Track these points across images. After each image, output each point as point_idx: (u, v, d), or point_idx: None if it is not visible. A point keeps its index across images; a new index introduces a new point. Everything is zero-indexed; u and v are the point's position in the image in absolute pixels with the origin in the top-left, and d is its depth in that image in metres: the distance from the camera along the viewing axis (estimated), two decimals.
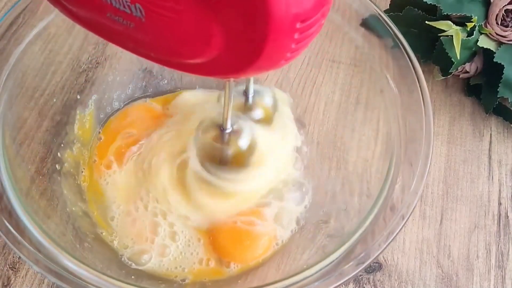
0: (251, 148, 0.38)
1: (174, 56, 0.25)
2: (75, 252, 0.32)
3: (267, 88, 0.41)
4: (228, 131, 0.36)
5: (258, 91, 0.39)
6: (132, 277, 0.37)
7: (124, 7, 0.24)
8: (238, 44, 0.23)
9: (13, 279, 0.39)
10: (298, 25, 0.22)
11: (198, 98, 0.45)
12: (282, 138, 0.41)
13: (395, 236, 0.31)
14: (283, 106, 0.42)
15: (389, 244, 0.30)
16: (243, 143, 0.37)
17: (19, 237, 0.30)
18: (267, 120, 0.40)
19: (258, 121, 0.39)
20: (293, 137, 0.43)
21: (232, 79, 0.31)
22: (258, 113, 0.40)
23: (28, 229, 0.31)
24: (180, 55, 0.25)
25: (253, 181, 0.39)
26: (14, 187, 0.33)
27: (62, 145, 0.41)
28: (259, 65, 0.23)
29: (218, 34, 0.23)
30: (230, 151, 0.37)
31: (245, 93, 0.38)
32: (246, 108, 0.39)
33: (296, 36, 0.23)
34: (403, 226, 0.31)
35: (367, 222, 0.32)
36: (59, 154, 0.41)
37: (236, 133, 0.37)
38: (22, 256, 0.30)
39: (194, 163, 0.38)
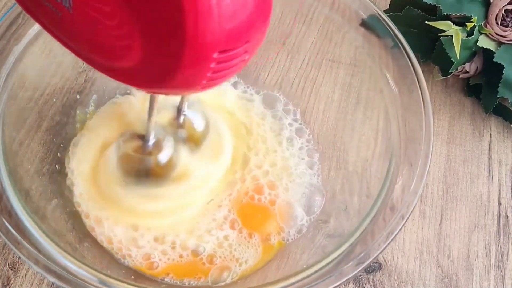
0: (172, 163, 0.38)
1: (97, 55, 0.25)
2: (75, 252, 0.32)
3: (200, 112, 0.41)
4: (150, 142, 0.36)
5: (192, 113, 0.39)
6: (132, 276, 0.37)
7: None
8: (155, 57, 0.23)
9: (13, 279, 0.39)
10: (215, 55, 0.22)
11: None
12: (212, 157, 0.41)
13: (395, 236, 0.31)
14: (220, 128, 0.42)
15: (388, 244, 0.30)
16: (162, 157, 0.37)
17: (19, 237, 0.30)
18: (195, 141, 0.40)
19: (186, 140, 0.39)
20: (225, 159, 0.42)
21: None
22: (185, 133, 0.39)
23: (28, 229, 0.31)
24: (101, 55, 0.25)
25: (172, 198, 0.39)
26: (14, 187, 0.33)
27: (62, 145, 0.41)
28: (173, 85, 0.23)
29: (137, 44, 0.22)
30: (150, 163, 0.37)
31: (178, 109, 0.38)
32: (177, 124, 0.39)
33: (212, 65, 0.22)
34: (403, 226, 0.31)
35: (367, 222, 0.32)
36: (59, 154, 0.41)
37: (158, 146, 0.37)
38: (22, 256, 0.30)
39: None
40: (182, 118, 0.39)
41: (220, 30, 0.21)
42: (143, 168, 0.37)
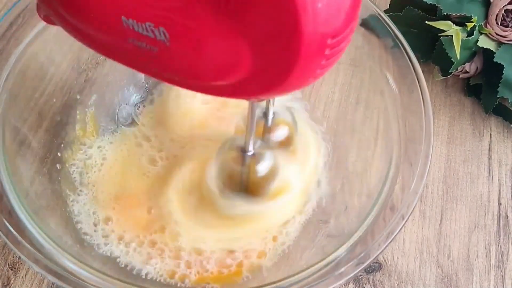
0: (272, 174, 0.37)
1: (201, 79, 0.25)
2: (75, 252, 0.32)
3: (284, 106, 0.40)
4: (249, 153, 0.35)
5: (276, 112, 0.38)
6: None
7: (147, 31, 0.23)
8: (267, 64, 0.22)
9: (13, 279, 0.39)
10: (329, 41, 0.22)
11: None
12: (303, 161, 0.41)
13: (395, 236, 0.31)
14: (301, 122, 0.41)
15: (389, 244, 0.30)
16: (262, 168, 0.36)
17: (19, 237, 0.30)
18: (288, 141, 0.39)
19: (279, 144, 0.39)
20: (315, 155, 0.42)
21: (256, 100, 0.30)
22: (279, 135, 0.39)
23: (28, 229, 0.31)
24: (207, 78, 0.24)
25: (269, 214, 0.39)
26: (14, 187, 0.33)
27: (62, 145, 0.41)
28: (289, 84, 0.23)
29: (246, 55, 0.22)
30: (249, 174, 0.36)
31: (265, 114, 0.37)
32: (265, 131, 0.38)
33: (327, 52, 0.22)
34: (403, 226, 0.31)
35: (367, 222, 0.32)
36: (59, 154, 0.41)
37: (257, 157, 0.36)
38: (22, 256, 0.30)
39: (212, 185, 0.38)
40: (270, 121, 0.37)
41: (332, 14, 0.21)
42: (243, 180, 0.37)
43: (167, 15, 0.23)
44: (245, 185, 0.37)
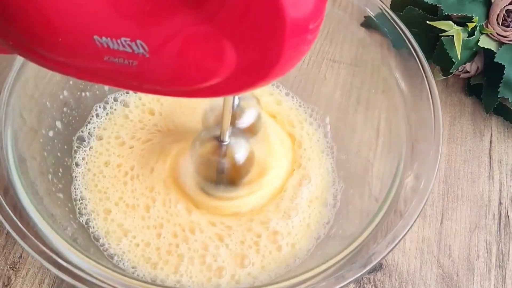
0: (249, 161, 0.37)
1: (186, 84, 0.24)
2: (78, 246, 0.31)
3: (252, 101, 0.40)
4: (226, 143, 0.35)
5: (241, 97, 0.38)
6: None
7: (124, 47, 0.22)
8: (252, 58, 0.22)
9: (14, 279, 0.39)
10: (311, 26, 0.22)
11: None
12: (275, 146, 0.41)
13: (399, 241, 0.30)
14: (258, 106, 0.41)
15: (393, 248, 0.30)
16: (240, 156, 0.37)
17: (24, 229, 0.30)
18: (255, 127, 0.39)
19: (247, 130, 0.39)
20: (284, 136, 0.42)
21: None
22: (246, 121, 0.39)
23: (33, 220, 0.31)
24: (192, 82, 0.24)
25: (253, 196, 0.39)
26: (22, 182, 0.33)
27: (68, 141, 0.41)
28: (274, 74, 0.22)
29: (230, 53, 0.21)
30: (227, 164, 0.36)
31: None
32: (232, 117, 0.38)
33: (309, 37, 0.22)
34: (408, 231, 0.31)
35: (372, 226, 0.32)
36: (65, 146, 0.41)
37: (234, 146, 0.36)
38: (26, 247, 0.29)
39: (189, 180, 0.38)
40: (235, 106, 0.37)
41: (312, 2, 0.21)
42: (219, 171, 0.37)
43: (143, 26, 0.22)
44: (224, 175, 0.37)
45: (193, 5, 0.21)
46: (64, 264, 0.29)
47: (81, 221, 0.38)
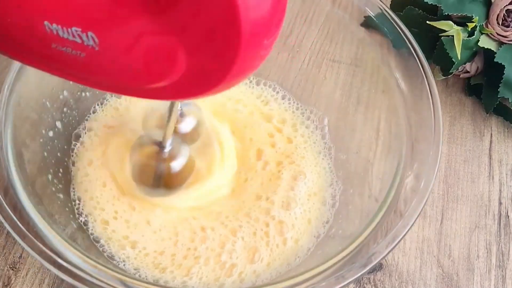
0: (187, 169, 0.37)
1: (134, 83, 0.23)
2: (78, 246, 0.32)
3: (193, 109, 0.40)
4: (167, 149, 0.35)
5: (183, 104, 0.38)
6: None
7: (74, 36, 0.22)
8: (204, 64, 0.22)
9: (14, 279, 0.39)
10: (265, 42, 0.22)
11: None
12: (214, 155, 0.41)
13: (399, 241, 0.30)
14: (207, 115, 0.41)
15: (393, 248, 0.30)
16: (178, 164, 0.36)
17: (25, 230, 0.30)
18: (195, 134, 0.39)
19: (186, 136, 0.38)
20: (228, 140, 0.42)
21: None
22: (186, 126, 0.38)
23: (33, 220, 0.31)
24: (140, 81, 0.23)
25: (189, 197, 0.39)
26: (22, 182, 0.33)
27: (68, 141, 0.41)
28: (227, 83, 0.22)
29: (180, 56, 0.21)
30: (165, 170, 0.36)
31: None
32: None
33: (262, 52, 0.22)
34: (408, 231, 0.31)
35: (372, 226, 0.32)
36: (65, 146, 0.41)
37: (173, 152, 0.36)
38: (26, 248, 0.29)
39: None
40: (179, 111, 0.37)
41: (269, 16, 0.21)
42: (157, 176, 0.36)
43: (96, 18, 0.21)
44: (160, 180, 0.37)
45: (150, 6, 0.20)
46: (64, 264, 0.29)
47: (80, 221, 0.38)
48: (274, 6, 0.21)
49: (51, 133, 0.40)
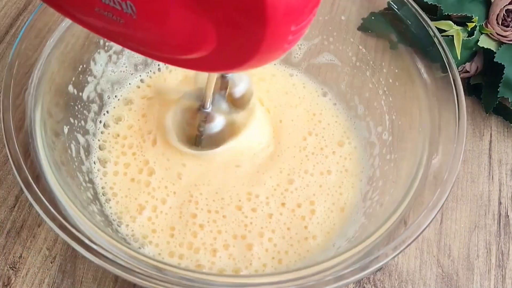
0: (229, 127, 0.38)
1: (165, 52, 0.25)
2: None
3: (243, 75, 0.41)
4: (207, 110, 0.37)
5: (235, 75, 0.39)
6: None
7: (114, 3, 0.23)
8: (232, 44, 0.23)
9: (14, 278, 0.39)
10: (293, 28, 0.22)
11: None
12: (260, 118, 0.41)
13: (405, 248, 0.30)
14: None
15: (397, 255, 0.30)
16: (219, 123, 0.38)
17: (43, 198, 0.30)
18: (244, 100, 0.40)
19: (235, 101, 0.39)
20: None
21: None
22: (237, 91, 0.39)
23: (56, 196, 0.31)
24: (171, 52, 0.25)
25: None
26: (49, 160, 0.33)
27: (95, 114, 0.41)
28: (255, 61, 0.23)
29: (211, 34, 0.23)
30: (208, 130, 0.38)
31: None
32: (222, 86, 0.38)
33: (290, 37, 0.23)
34: (415, 239, 0.31)
35: (381, 230, 0.31)
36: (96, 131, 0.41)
37: (215, 113, 0.37)
38: (40, 212, 0.29)
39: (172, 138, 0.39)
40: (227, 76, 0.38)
41: (297, 4, 0.22)
42: (196, 135, 0.38)
43: None
44: (201, 139, 0.38)
45: None
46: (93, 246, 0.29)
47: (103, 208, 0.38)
48: None
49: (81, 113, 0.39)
